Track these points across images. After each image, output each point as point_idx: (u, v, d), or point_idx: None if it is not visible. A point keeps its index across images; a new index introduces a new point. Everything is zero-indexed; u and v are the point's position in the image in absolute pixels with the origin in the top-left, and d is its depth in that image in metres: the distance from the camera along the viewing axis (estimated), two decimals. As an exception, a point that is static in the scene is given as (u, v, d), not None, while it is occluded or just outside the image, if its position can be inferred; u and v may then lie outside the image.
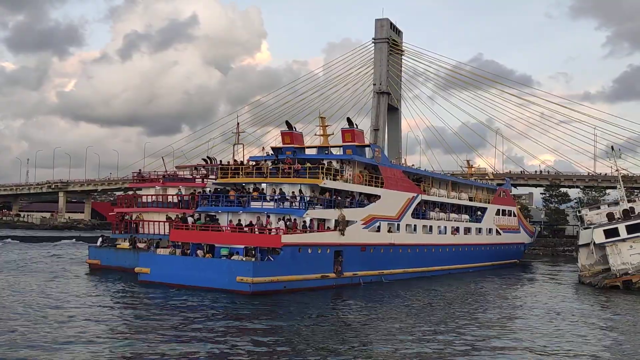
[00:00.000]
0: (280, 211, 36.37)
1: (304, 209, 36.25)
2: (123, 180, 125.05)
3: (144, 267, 35.85)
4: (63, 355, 18.34)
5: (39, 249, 63.38)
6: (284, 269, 33.80)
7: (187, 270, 34.29)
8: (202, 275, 33.54)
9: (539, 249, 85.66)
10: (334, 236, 37.32)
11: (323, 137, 44.94)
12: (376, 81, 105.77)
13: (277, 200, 36.94)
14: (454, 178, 59.39)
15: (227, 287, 32.34)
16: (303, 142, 45.34)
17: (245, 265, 32.75)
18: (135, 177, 52.07)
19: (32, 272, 41.55)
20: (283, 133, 44.26)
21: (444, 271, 49.31)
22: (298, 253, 34.73)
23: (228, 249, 34.70)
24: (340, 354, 19.87)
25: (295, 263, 34.51)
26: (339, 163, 40.71)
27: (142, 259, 36.49)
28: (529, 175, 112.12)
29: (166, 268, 35.12)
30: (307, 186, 37.58)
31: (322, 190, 38.37)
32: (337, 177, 39.19)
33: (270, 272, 33.17)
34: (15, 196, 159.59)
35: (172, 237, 37.61)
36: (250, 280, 32.04)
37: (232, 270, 32.70)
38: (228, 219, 37.63)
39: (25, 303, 27.86)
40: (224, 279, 32.70)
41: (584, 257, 46.16)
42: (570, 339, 24.05)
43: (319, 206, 37.52)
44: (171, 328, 22.93)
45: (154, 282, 34.88)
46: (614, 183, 73.26)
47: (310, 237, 35.85)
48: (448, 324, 26.67)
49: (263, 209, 36.92)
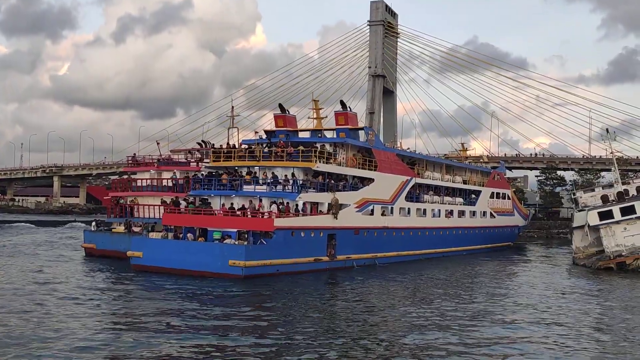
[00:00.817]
0: (273, 195, 36.22)
1: (296, 193, 36.11)
2: (118, 165, 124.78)
3: (136, 251, 35.66)
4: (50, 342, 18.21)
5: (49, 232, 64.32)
6: (277, 252, 33.70)
7: (180, 254, 34.11)
8: (195, 259, 33.38)
9: (533, 231, 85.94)
10: (327, 220, 37.21)
11: (316, 120, 44.69)
12: (371, 64, 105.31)
13: (270, 184, 36.78)
14: (448, 161, 59.33)
15: (219, 270, 32.22)
16: (296, 125, 45.08)
17: (237, 249, 32.63)
18: (130, 161, 51.77)
19: (26, 256, 41.94)
20: (276, 116, 43.98)
21: (437, 254, 49.35)
22: (291, 236, 34.63)
23: (221, 233, 34.57)
24: (334, 336, 19.80)
25: (288, 246, 34.40)
26: (332, 146, 40.49)
27: (134, 243, 36.29)
28: (524, 158, 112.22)
29: (158, 252, 34.94)
30: (300, 169, 37.41)
31: (315, 174, 38.21)
32: (330, 161, 39.00)
33: (263, 255, 33.07)
34: (9, 180, 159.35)
35: (164, 221, 37.42)
36: (243, 264, 31.94)
37: (225, 254, 32.58)
38: (221, 202, 37.48)
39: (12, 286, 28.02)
40: (216, 262, 32.58)
41: (578, 239, 46.41)
42: (563, 319, 24.18)
43: (312, 190, 37.37)
44: (161, 314, 22.82)
45: (146, 266, 34.72)
46: (609, 165, 73.17)
47: (303, 221, 35.73)
48: (440, 303, 26.79)
49: (256, 193, 36.76)
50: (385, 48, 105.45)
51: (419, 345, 19.00)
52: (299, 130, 44.50)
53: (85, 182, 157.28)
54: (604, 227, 42.43)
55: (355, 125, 43.66)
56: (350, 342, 19.11)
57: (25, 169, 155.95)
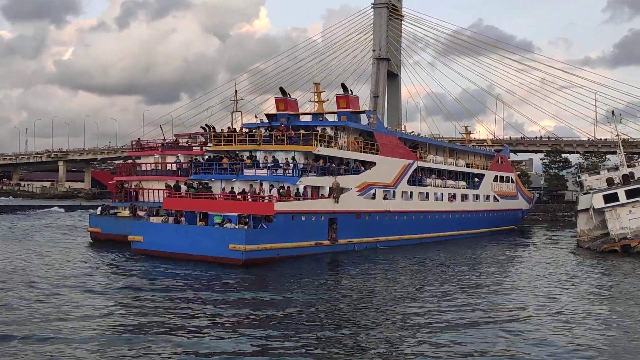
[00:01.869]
0: (274, 178, 36.05)
1: (297, 177, 35.93)
2: (122, 149, 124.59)
3: (137, 235, 35.59)
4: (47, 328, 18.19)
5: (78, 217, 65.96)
6: (277, 236, 33.57)
7: (180, 239, 34.04)
8: (195, 243, 33.32)
9: (538, 214, 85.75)
10: (328, 203, 37.05)
11: (318, 103, 44.38)
12: (375, 47, 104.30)
13: (271, 168, 36.60)
14: (451, 144, 58.92)
15: (219, 255, 32.12)
16: (297, 108, 44.75)
17: (237, 233, 32.52)
18: (134, 146, 51.93)
19: (33, 240, 42.69)
20: (277, 100, 43.70)
21: (440, 238, 49.18)
22: (291, 220, 34.49)
23: (221, 217, 34.47)
24: (335, 320, 19.72)
25: (289, 230, 34.27)
26: (334, 130, 40.22)
27: (135, 228, 36.25)
28: (529, 142, 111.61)
29: (159, 236, 34.88)
30: (300, 153, 37.21)
31: (317, 158, 37.99)
32: (331, 144, 38.76)
33: (263, 239, 32.95)
34: (14, 165, 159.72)
35: (165, 205, 37.37)
36: (243, 248, 31.83)
37: (225, 238, 32.46)
38: (221, 186, 37.36)
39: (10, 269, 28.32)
40: (216, 247, 32.46)
41: (583, 222, 46.28)
42: (566, 300, 24.23)
43: (312, 173, 37.17)
44: (160, 299, 22.74)
45: (147, 250, 34.70)
46: (614, 148, 72.77)
47: (304, 205, 35.57)
48: (441, 286, 26.89)
49: (256, 177, 36.59)
50: (389, 31, 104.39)
51: (423, 328, 18.94)
52: (300, 113, 44.19)
53: (90, 166, 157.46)
54: (609, 209, 42.31)
55: (357, 108, 43.32)
56: (353, 327, 18.99)
57: (30, 154, 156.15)
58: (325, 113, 43.22)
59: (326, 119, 42.49)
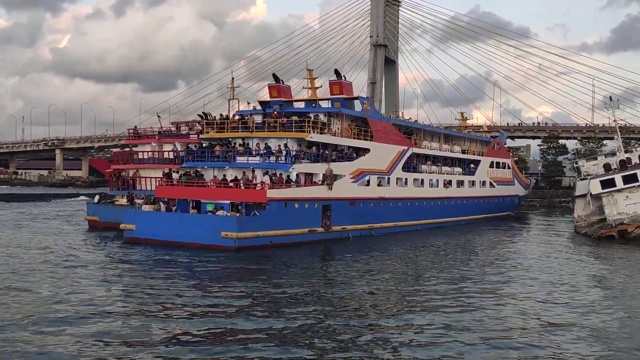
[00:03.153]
0: (266, 166, 35.81)
1: (289, 164, 35.69)
2: (119, 137, 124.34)
3: (129, 223, 35.43)
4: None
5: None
6: (270, 223, 33.41)
7: (172, 227, 33.91)
8: (187, 231, 33.17)
9: (535, 200, 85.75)
10: (321, 190, 36.84)
11: (311, 90, 44.03)
12: (373, 33, 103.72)
13: (263, 155, 36.36)
14: (446, 131, 58.58)
15: (212, 242, 31.97)
16: (291, 95, 44.40)
17: (229, 221, 32.35)
18: (131, 134, 51.91)
19: (32, 228, 42.83)
20: (270, 86, 43.35)
21: (436, 224, 49.05)
22: (284, 208, 34.29)
23: (214, 205, 34.30)
24: (329, 308, 19.52)
25: (282, 218, 34.09)
26: (327, 116, 39.90)
27: (127, 216, 36.08)
28: (527, 127, 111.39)
29: (151, 225, 34.73)
30: (293, 140, 36.95)
31: (310, 145, 37.74)
32: (324, 131, 38.47)
33: (256, 227, 32.79)
34: (11, 154, 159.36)
35: (157, 194, 37.18)
36: (235, 235, 31.67)
37: (217, 225, 32.32)
38: (214, 174, 37.15)
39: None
40: (208, 234, 32.32)
41: (580, 207, 46.29)
42: (563, 286, 24.18)
43: (305, 160, 36.92)
44: (149, 287, 22.57)
45: (139, 238, 34.54)
46: (612, 134, 72.46)
47: (297, 192, 35.37)
48: (436, 273, 26.77)
49: (249, 164, 36.38)
50: (386, 17, 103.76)
51: (417, 313, 18.85)
52: (293, 100, 43.84)
53: (87, 155, 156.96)
54: (606, 195, 42.27)
55: (351, 94, 42.94)
56: (346, 314, 18.81)
57: (27, 143, 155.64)
58: (318, 100, 42.87)
59: (320, 106, 42.14)
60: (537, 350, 15.34)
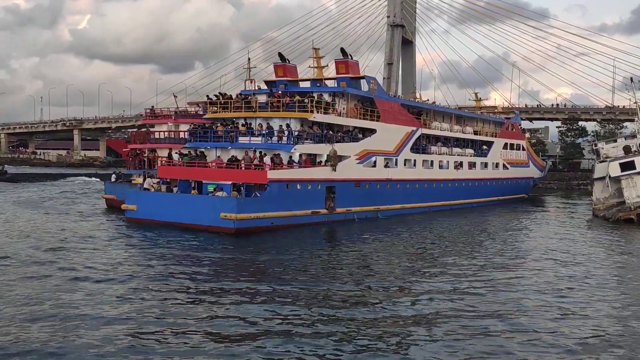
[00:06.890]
0: (267, 146, 35.22)
1: (291, 144, 35.08)
2: (136, 118, 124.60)
3: (131, 204, 35.21)
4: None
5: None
6: (271, 205, 32.89)
7: (173, 208, 33.58)
8: (187, 212, 32.82)
9: (553, 183, 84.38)
10: (325, 172, 36.21)
11: (317, 69, 43.27)
12: (390, 13, 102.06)
13: (265, 135, 35.79)
14: (458, 111, 57.47)
15: (211, 223, 31.56)
16: (297, 74, 43.69)
17: (228, 202, 31.90)
18: (148, 114, 52.35)
19: (49, 206, 43.70)
20: (276, 66, 42.71)
21: (446, 207, 48.23)
22: (286, 189, 33.75)
23: (215, 186, 33.89)
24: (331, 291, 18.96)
25: (283, 199, 33.55)
26: (331, 96, 39.15)
27: (129, 196, 35.85)
28: (545, 109, 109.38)
29: (152, 205, 34.46)
30: (296, 120, 36.32)
31: (313, 125, 37.04)
32: (328, 111, 37.76)
33: (256, 208, 32.30)
34: (30, 134, 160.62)
35: (159, 174, 36.91)
36: (234, 216, 31.20)
37: (216, 206, 31.85)
38: (216, 154, 36.71)
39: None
40: (208, 215, 31.89)
41: (599, 190, 45.45)
42: (579, 269, 23.59)
43: (308, 141, 36.28)
44: (146, 266, 22.27)
45: (140, 219, 34.30)
46: (632, 116, 70.84)
47: (299, 173, 34.79)
48: (444, 253, 26.48)
49: (251, 144, 35.83)
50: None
51: (424, 299, 18.26)
52: (299, 80, 43.14)
53: (105, 135, 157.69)
54: (625, 178, 41.57)
55: (357, 74, 42.08)
56: (349, 299, 18.17)
57: (45, 123, 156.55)
58: (324, 79, 42.08)
59: (326, 85, 41.41)
60: (549, 336, 14.91)
